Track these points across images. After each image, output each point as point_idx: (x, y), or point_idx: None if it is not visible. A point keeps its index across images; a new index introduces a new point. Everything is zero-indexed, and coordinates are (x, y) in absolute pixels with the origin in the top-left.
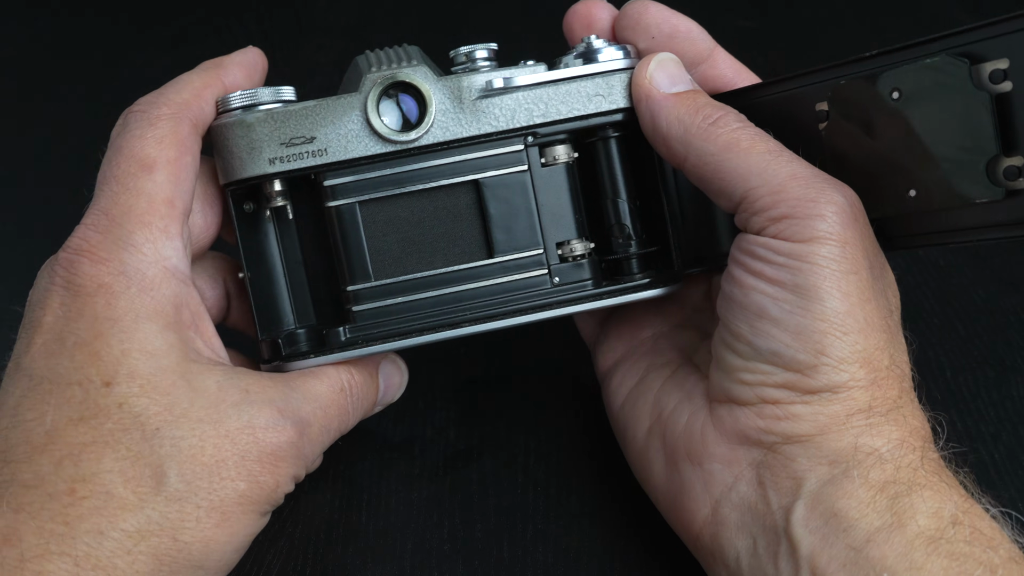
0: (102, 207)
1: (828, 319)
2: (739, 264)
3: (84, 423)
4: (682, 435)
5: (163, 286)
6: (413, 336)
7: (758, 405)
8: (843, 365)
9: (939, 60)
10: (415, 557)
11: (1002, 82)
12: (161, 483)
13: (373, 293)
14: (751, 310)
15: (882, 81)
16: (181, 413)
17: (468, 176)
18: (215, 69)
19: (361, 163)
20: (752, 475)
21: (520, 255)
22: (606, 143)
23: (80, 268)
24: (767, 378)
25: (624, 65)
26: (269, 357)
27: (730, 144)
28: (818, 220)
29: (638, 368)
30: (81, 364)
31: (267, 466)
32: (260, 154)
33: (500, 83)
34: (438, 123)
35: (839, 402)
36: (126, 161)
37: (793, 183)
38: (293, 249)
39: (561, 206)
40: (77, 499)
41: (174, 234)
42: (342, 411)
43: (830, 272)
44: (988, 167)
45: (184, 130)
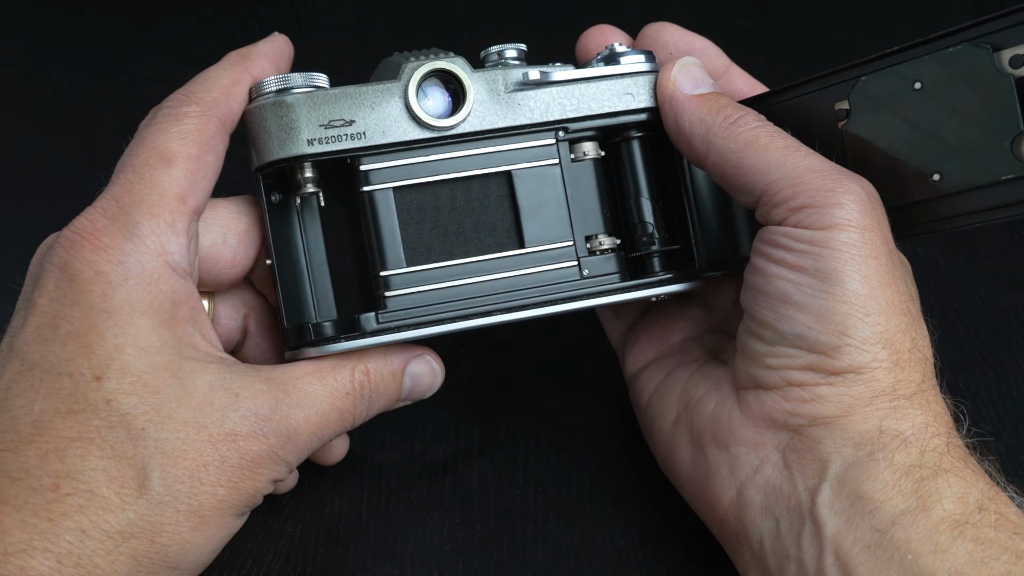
0: (114, 193)
1: (849, 301)
2: (761, 254)
3: (72, 416)
4: (709, 421)
5: (162, 281)
6: (445, 324)
7: (784, 388)
8: (865, 346)
9: (961, 49)
10: (415, 557)
11: (1022, 66)
12: (143, 485)
13: (406, 280)
14: (774, 296)
15: (903, 74)
16: (168, 414)
17: (501, 167)
18: (243, 61)
19: (398, 148)
20: (778, 458)
21: (551, 246)
22: (630, 144)
23: (80, 252)
24: (792, 361)
25: (649, 68)
26: (296, 343)
27: (749, 141)
28: (836, 208)
29: (666, 366)
30: (73, 355)
31: (247, 473)
32: (299, 134)
33: (536, 76)
34: (475, 112)
35: (863, 383)
36: (146, 152)
37: (811, 174)
38: (318, 241)
39: (589, 200)
40: (61, 495)
41: (180, 230)
42: (343, 415)
43: (850, 256)
44: (1012, 145)
45: (211, 128)
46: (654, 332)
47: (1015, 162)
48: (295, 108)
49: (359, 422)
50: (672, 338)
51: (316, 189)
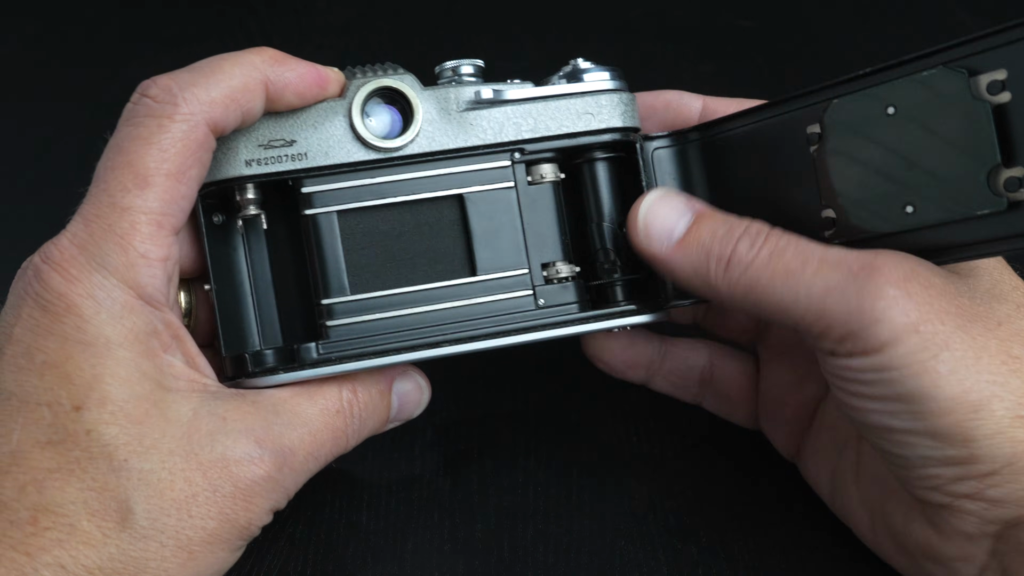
0: (86, 215)
1: (952, 410)
2: (840, 390)
3: (51, 447)
4: (908, 536)
5: (135, 313)
6: (390, 355)
7: (957, 502)
8: (997, 438)
9: (936, 73)
10: (415, 557)
11: (1000, 93)
12: (126, 519)
13: (349, 308)
14: (879, 428)
15: (876, 98)
16: (151, 444)
17: (452, 190)
18: (268, 68)
19: (342, 170)
20: (996, 564)
21: (504, 274)
22: (592, 165)
23: (51, 283)
24: (940, 479)
25: (613, 86)
26: (233, 374)
27: (752, 285)
28: (876, 327)
29: (825, 452)
30: (51, 384)
31: (240, 502)
32: (237, 155)
33: (489, 94)
34: (424, 133)
35: (1023, 471)
36: (121, 169)
37: (831, 300)
38: (263, 264)
39: (547, 226)
40: (40, 529)
41: (154, 258)
42: (336, 434)
43: (921, 366)
44: (989, 178)
45: (197, 136)
46: (788, 412)
47: (991, 196)
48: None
49: (352, 444)
50: (808, 408)
51: (258, 211)
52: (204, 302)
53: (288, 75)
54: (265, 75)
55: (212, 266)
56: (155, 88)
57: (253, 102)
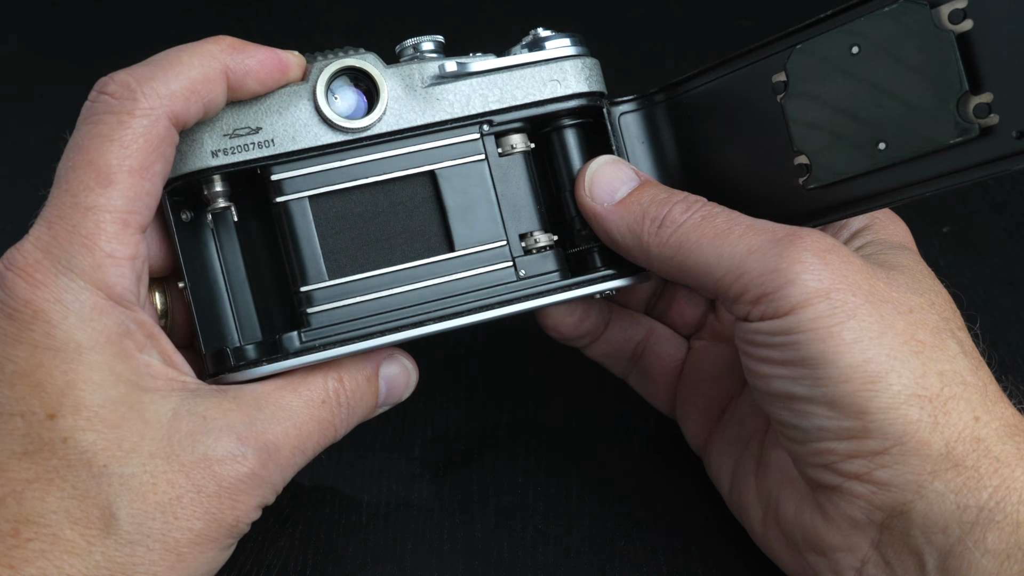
0: (49, 217)
1: (850, 378)
2: (747, 355)
3: (28, 458)
4: (796, 526)
5: (104, 315)
6: (374, 338)
7: (847, 483)
8: (891, 413)
9: (897, 7)
10: (415, 557)
11: (962, 21)
12: (110, 525)
13: (328, 294)
14: (780, 395)
15: (839, 40)
16: (131, 448)
17: (424, 167)
18: (227, 56)
19: (310, 154)
20: (877, 556)
21: (483, 248)
22: (561, 133)
23: (15, 290)
24: (833, 453)
25: (575, 52)
26: (215, 369)
27: (681, 243)
28: (789, 287)
29: (730, 447)
30: (22, 394)
31: (226, 501)
32: (202, 146)
33: (453, 67)
34: (391, 111)
35: (914, 453)
36: (82, 168)
37: (751, 260)
38: (235, 258)
39: (521, 196)
40: (22, 541)
41: (121, 257)
42: (323, 425)
43: (827, 331)
44: (958, 107)
45: (159, 130)
46: (703, 403)
47: (961, 124)
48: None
49: (341, 433)
50: (722, 402)
51: (228, 204)
52: (180, 302)
53: (248, 62)
54: (224, 64)
55: (184, 264)
56: (113, 84)
57: (214, 92)
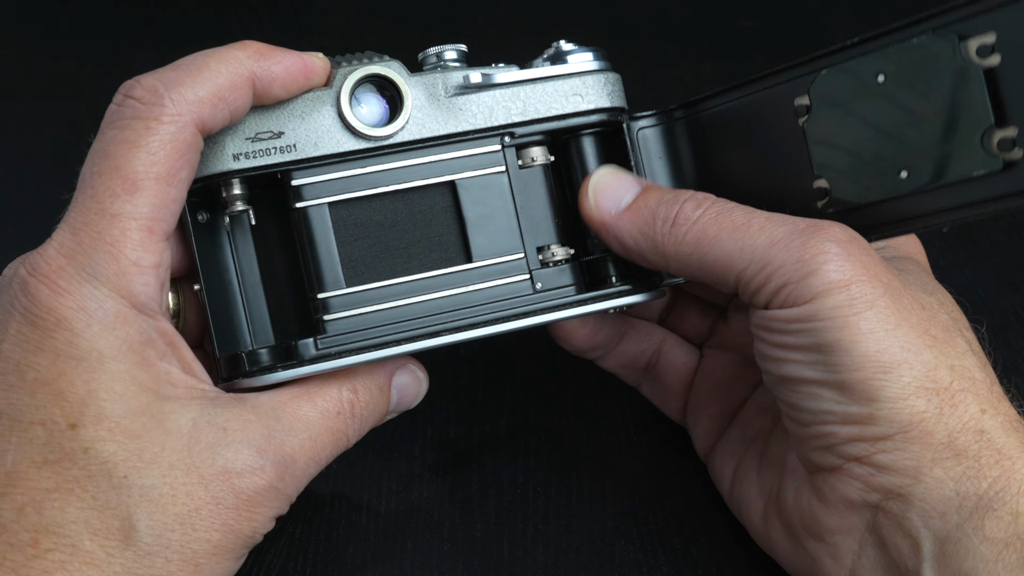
0: (73, 223)
1: (863, 366)
2: (762, 341)
3: (48, 467)
4: (794, 512)
5: (128, 323)
6: (390, 347)
7: (846, 465)
8: (899, 403)
9: (926, 39)
10: (415, 557)
11: (990, 56)
12: (129, 536)
13: (345, 301)
14: (791, 379)
15: (865, 67)
16: (151, 459)
17: (444, 177)
18: (253, 63)
19: (332, 161)
20: (873, 538)
21: (500, 260)
22: (579, 142)
23: (38, 297)
24: (836, 437)
25: (598, 67)
26: (229, 374)
27: (699, 239)
28: (812, 277)
29: (734, 447)
30: (43, 402)
31: (243, 513)
32: (224, 149)
33: (478, 79)
34: (414, 120)
35: (916, 440)
36: (108, 174)
37: (774, 251)
38: (251, 262)
39: (540, 209)
40: (41, 551)
41: (146, 265)
42: (337, 436)
43: (845, 320)
44: (983, 140)
45: (186, 137)
46: (713, 409)
47: (986, 157)
48: None
49: (352, 442)
50: (732, 408)
51: (246, 207)
52: (192, 302)
53: (275, 68)
54: (251, 70)
55: (201, 266)
56: (140, 89)
57: (241, 99)
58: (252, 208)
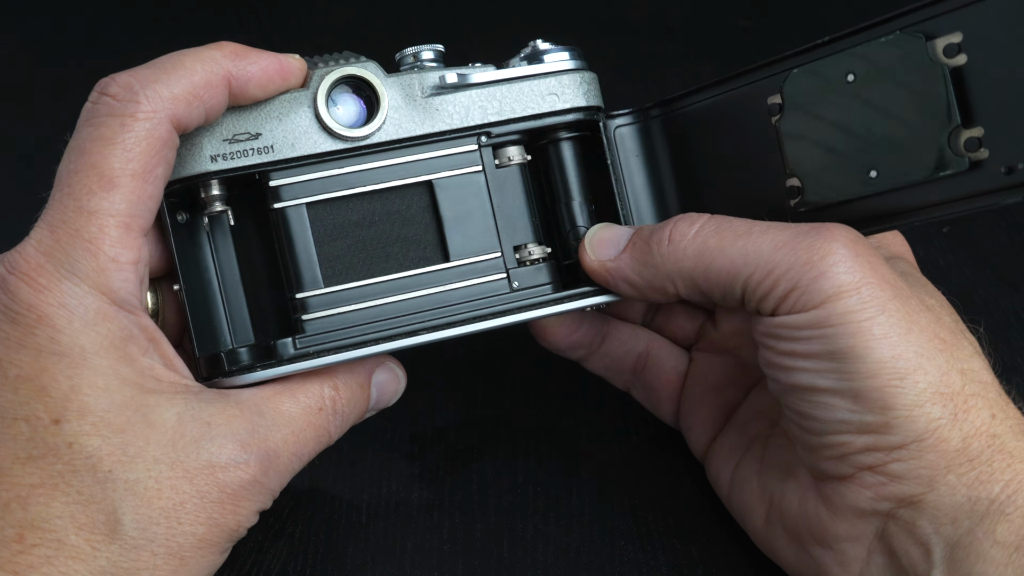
0: (51, 221)
1: (878, 373)
2: (769, 348)
3: (32, 463)
4: (800, 519)
5: (108, 319)
6: (368, 346)
7: (858, 474)
8: (915, 411)
9: (894, 38)
10: (415, 557)
11: (956, 55)
12: (115, 530)
13: (323, 301)
14: (802, 388)
15: (835, 66)
16: (136, 453)
17: (421, 177)
18: (229, 63)
19: (309, 162)
20: (882, 546)
21: (477, 259)
22: (557, 146)
23: (18, 294)
24: (849, 446)
25: (574, 66)
26: (208, 373)
27: (701, 251)
28: (821, 280)
29: (731, 450)
30: (26, 398)
31: (228, 507)
32: (201, 150)
33: (454, 79)
34: (390, 120)
35: (930, 449)
36: (85, 170)
37: (780, 254)
38: (230, 261)
39: (517, 208)
40: (27, 546)
41: (125, 261)
42: (319, 432)
43: (857, 326)
44: (949, 140)
45: (161, 134)
46: (706, 413)
47: (952, 157)
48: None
49: (335, 438)
50: (726, 411)
51: (224, 207)
52: (171, 302)
53: (251, 68)
54: (227, 70)
55: (180, 266)
56: (115, 86)
57: (216, 98)
58: (231, 208)
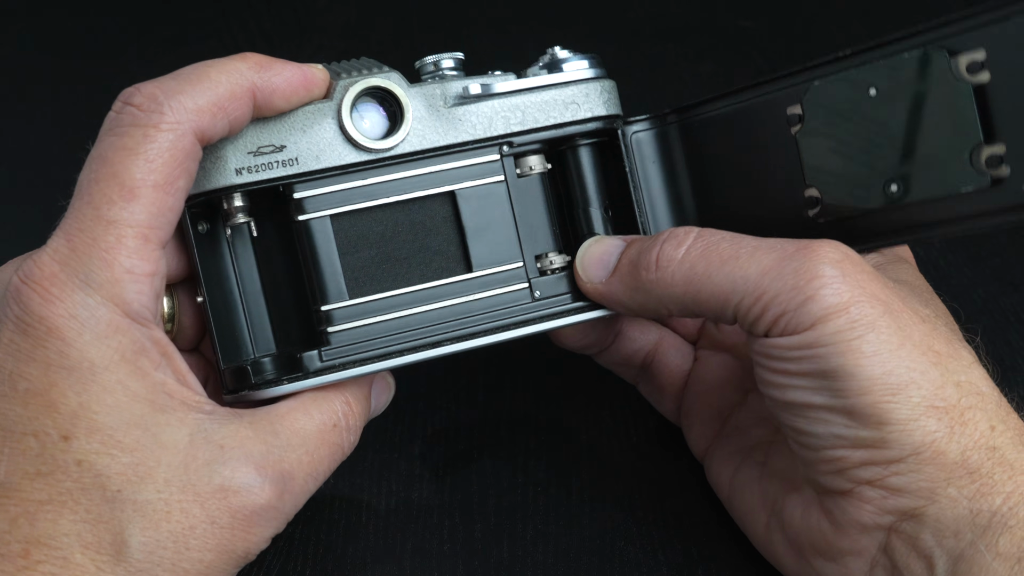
0: (69, 229)
1: (870, 390)
2: (763, 368)
3: (41, 479)
4: (802, 531)
5: (120, 332)
6: (393, 358)
7: (858, 489)
8: (910, 425)
9: (917, 54)
10: (415, 557)
11: (979, 72)
12: (121, 551)
13: (348, 313)
14: (796, 404)
15: (858, 79)
16: (146, 473)
17: (444, 187)
18: (254, 74)
19: (333, 174)
20: (885, 560)
21: (500, 269)
22: (575, 151)
23: (30, 305)
24: (846, 461)
25: (593, 74)
26: (235, 386)
27: (688, 277)
28: (809, 303)
29: (731, 454)
30: (36, 414)
31: (239, 532)
32: (226, 164)
33: (478, 89)
34: (414, 131)
35: (929, 462)
36: (106, 179)
37: (767, 279)
38: (251, 272)
39: (538, 218)
40: (32, 562)
41: (140, 273)
42: (334, 449)
43: (847, 345)
44: (971, 156)
45: (184, 145)
46: (705, 412)
47: (974, 174)
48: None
49: (347, 455)
50: (723, 412)
51: (247, 219)
52: (187, 307)
53: (275, 80)
54: (252, 82)
55: (204, 276)
56: (139, 96)
57: (240, 110)
58: (253, 219)
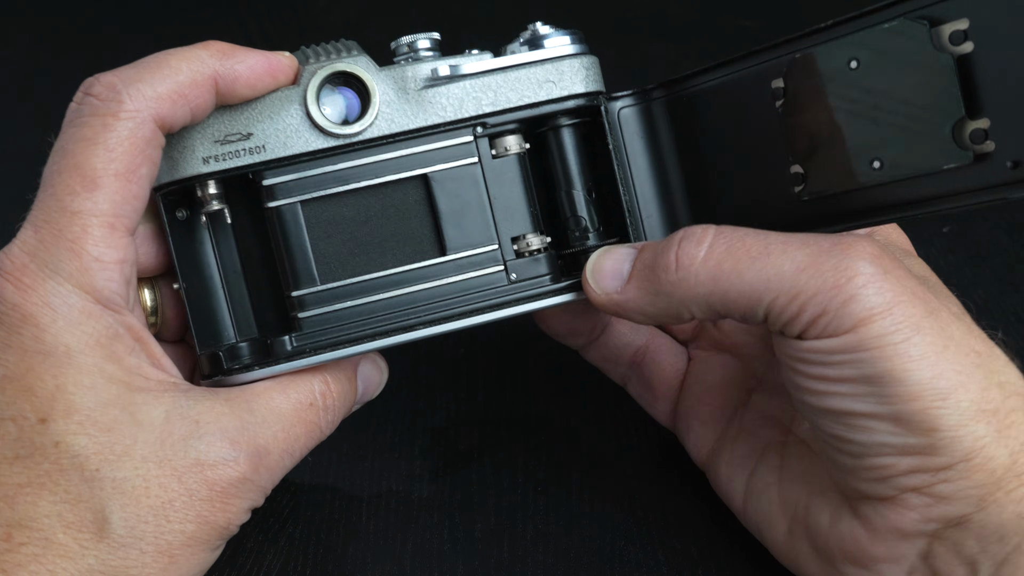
0: (35, 221)
1: (920, 396)
2: (797, 372)
3: (19, 462)
4: (832, 537)
5: (93, 318)
6: (365, 342)
7: (902, 496)
8: (961, 431)
9: (897, 24)
10: (415, 557)
11: (962, 43)
12: (103, 529)
13: (320, 298)
14: (836, 412)
15: (838, 51)
16: (123, 451)
17: (416, 170)
18: (216, 62)
19: (302, 160)
20: (925, 568)
21: (474, 252)
22: (557, 132)
23: (3, 294)
24: (892, 469)
25: (573, 51)
26: (210, 372)
27: (715, 275)
28: (851, 304)
29: (742, 458)
30: (13, 398)
31: (217, 505)
32: (193, 153)
33: (446, 71)
34: (383, 115)
35: (979, 469)
36: (68, 171)
37: (804, 277)
38: (231, 257)
39: (514, 199)
40: (14, 545)
41: (108, 261)
42: (310, 427)
43: (894, 349)
44: (954, 131)
45: (144, 133)
46: (705, 415)
47: (956, 149)
48: (187, 125)
49: (326, 433)
50: (726, 414)
51: (221, 205)
52: (170, 299)
53: (238, 68)
54: (214, 69)
55: (179, 264)
56: (98, 86)
57: (202, 97)
58: (228, 206)
